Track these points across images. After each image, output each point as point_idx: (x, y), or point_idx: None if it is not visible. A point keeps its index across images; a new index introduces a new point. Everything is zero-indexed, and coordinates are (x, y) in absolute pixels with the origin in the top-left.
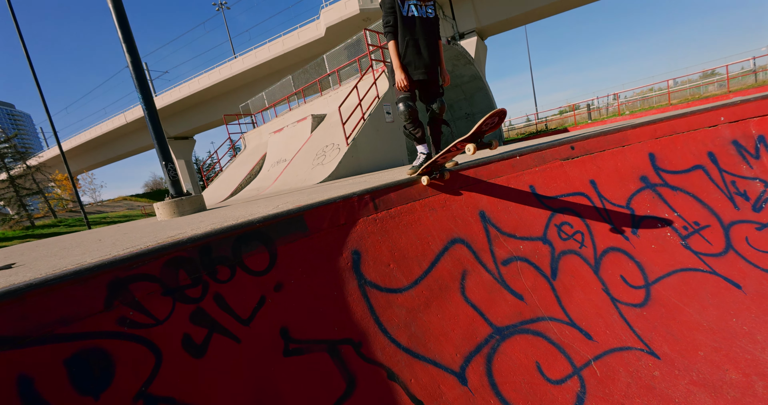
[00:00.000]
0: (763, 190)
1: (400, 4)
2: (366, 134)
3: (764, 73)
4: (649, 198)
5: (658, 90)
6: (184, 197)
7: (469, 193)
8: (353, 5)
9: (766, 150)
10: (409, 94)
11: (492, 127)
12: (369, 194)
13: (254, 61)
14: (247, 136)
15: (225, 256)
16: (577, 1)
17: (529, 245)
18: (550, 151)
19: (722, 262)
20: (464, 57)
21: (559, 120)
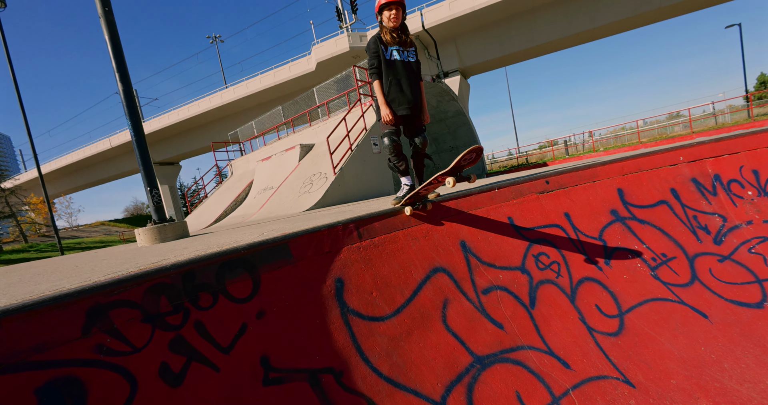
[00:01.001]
0: (722, 224)
1: (383, 48)
2: (353, 164)
3: (722, 116)
4: (620, 230)
5: (629, 129)
6: (167, 223)
7: (450, 224)
8: (343, 43)
9: (722, 188)
10: (394, 129)
11: (470, 162)
12: (354, 223)
13: (245, 92)
14: (235, 163)
15: (208, 283)
16: (548, 48)
17: (509, 275)
18: (527, 185)
19: (689, 292)
20: (448, 94)
21: (539, 154)
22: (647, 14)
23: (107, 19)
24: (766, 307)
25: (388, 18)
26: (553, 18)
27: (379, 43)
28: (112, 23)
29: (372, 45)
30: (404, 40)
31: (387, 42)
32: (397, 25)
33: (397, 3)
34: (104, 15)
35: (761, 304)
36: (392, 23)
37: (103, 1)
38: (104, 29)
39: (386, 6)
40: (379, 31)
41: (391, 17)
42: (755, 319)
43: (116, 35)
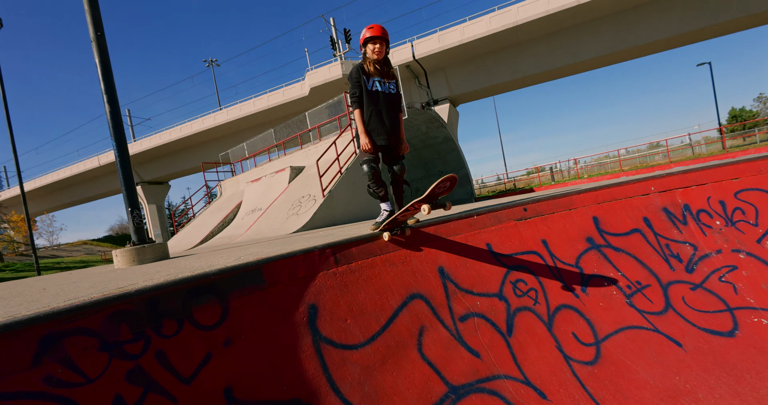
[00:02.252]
0: (693, 253)
1: (365, 79)
2: (342, 187)
3: (699, 147)
4: (596, 258)
5: (612, 157)
6: (147, 245)
7: (429, 250)
8: (336, 70)
9: (692, 217)
10: (373, 156)
11: (445, 190)
12: (331, 248)
13: (238, 114)
14: (224, 183)
15: (173, 310)
16: (534, 80)
17: (486, 301)
18: (505, 212)
19: (663, 320)
20: (437, 121)
21: (527, 180)
22: (624, 51)
23: (99, 44)
24: (737, 335)
25: (372, 51)
26: (538, 52)
27: (362, 73)
28: (104, 47)
29: (354, 74)
30: (386, 72)
31: (369, 73)
32: (380, 58)
33: (381, 38)
34: (96, 39)
35: (732, 332)
36: (376, 56)
37: (95, 25)
38: (95, 53)
39: (371, 40)
40: (362, 61)
41: (375, 50)
42: (728, 348)
43: (107, 58)
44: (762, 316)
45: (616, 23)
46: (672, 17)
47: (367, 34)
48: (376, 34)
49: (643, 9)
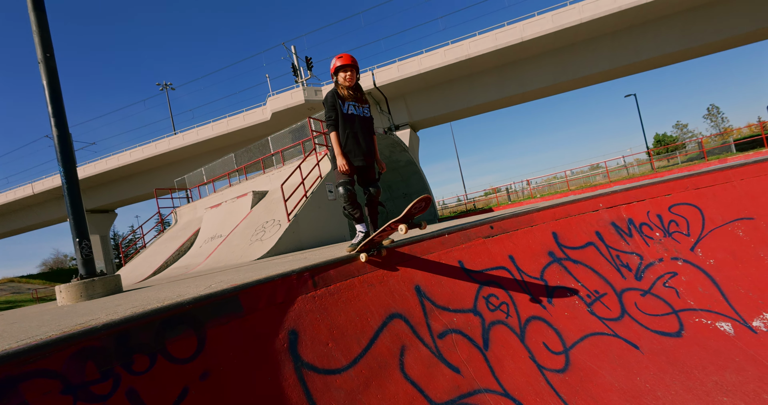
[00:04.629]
0: (640, 262)
1: (341, 103)
2: (308, 211)
3: (632, 168)
4: (558, 270)
5: (560, 178)
6: (96, 278)
7: (404, 269)
8: (299, 96)
9: (635, 230)
10: (349, 178)
11: (420, 210)
12: (309, 271)
13: (195, 138)
14: (180, 210)
15: (145, 343)
16: (486, 108)
17: (462, 317)
18: (474, 230)
19: (621, 326)
20: (399, 145)
21: (485, 200)
22: (564, 83)
23: (48, 65)
24: (683, 335)
25: (343, 78)
26: (488, 83)
27: (337, 97)
28: (53, 69)
29: (330, 98)
30: (359, 97)
31: (344, 97)
32: (352, 85)
33: (351, 65)
34: (44, 61)
35: (679, 333)
36: (347, 83)
37: (44, 46)
38: (43, 75)
39: (341, 68)
40: (335, 87)
41: (346, 78)
42: (677, 347)
43: (56, 81)
44: (701, 316)
45: (555, 59)
46: (602, 55)
47: (338, 64)
48: (346, 63)
49: (578, 47)
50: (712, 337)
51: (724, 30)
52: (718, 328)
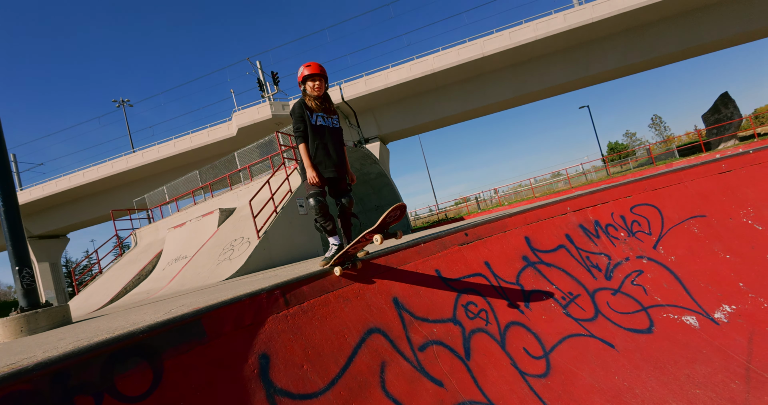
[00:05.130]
0: (608, 262)
1: (309, 114)
2: (279, 227)
3: (590, 174)
4: (532, 274)
5: (525, 185)
6: (41, 309)
7: (381, 281)
8: (266, 111)
9: (602, 231)
10: (320, 190)
11: (395, 219)
12: (279, 289)
13: (156, 156)
14: (140, 232)
15: (89, 383)
16: (452, 120)
17: (442, 328)
18: (449, 238)
19: (595, 326)
20: (370, 158)
21: (456, 209)
22: (524, 96)
23: None
24: (654, 331)
25: (312, 88)
26: (453, 96)
27: (305, 108)
28: None
29: (297, 109)
30: (328, 107)
31: (312, 108)
32: (321, 95)
33: (320, 75)
34: None
35: (650, 329)
36: (316, 92)
37: None
38: None
39: (309, 77)
40: (303, 97)
41: (315, 87)
42: (649, 343)
43: None
44: (668, 312)
45: (514, 73)
46: (556, 70)
47: (306, 72)
48: (314, 72)
49: (534, 62)
50: (679, 331)
51: (657, 48)
52: (684, 322)
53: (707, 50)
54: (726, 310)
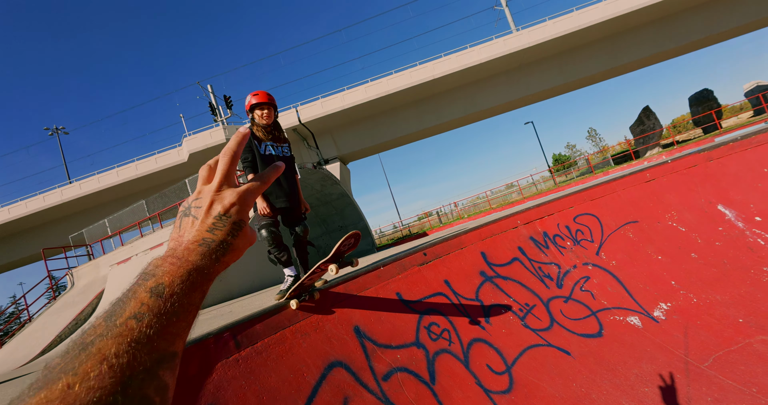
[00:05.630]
0: (558, 270)
1: (257, 144)
2: None
3: (539, 184)
4: (490, 288)
5: (482, 197)
6: None
7: (341, 310)
8: (219, 135)
9: (550, 241)
10: (272, 220)
11: (350, 247)
12: (229, 331)
13: (96, 186)
14: (78, 271)
15: None
16: (410, 138)
17: (406, 353)
18: (408, 259)
19: (552, 334)
20: (330, 179)
21: (419, 225)
22: (474, 114)
23: None
24: (604, 334)
25: (260, 116)
26: (409, 116)
27: (252, 137)
28: None
29: None
30: (278, 136)
31: (260, 137)
32: (270, 123)
33: (268, 103)
34: None
35: (600, 333)
36: (265, 121)
37: None
38: None
39: (257, 106)
40: (250, 126)
41: (263, 116)
42: (601, 347)
43: None
44: (615, 314)
45: (464, 93)
46: (501, 90)
47: (253, 101)
48: (262, 101)
49: (482, 83)
50: (626, 332)
51: (586, 69)
52: (629, 323)
53: (628, 70)
54: (663, 307)
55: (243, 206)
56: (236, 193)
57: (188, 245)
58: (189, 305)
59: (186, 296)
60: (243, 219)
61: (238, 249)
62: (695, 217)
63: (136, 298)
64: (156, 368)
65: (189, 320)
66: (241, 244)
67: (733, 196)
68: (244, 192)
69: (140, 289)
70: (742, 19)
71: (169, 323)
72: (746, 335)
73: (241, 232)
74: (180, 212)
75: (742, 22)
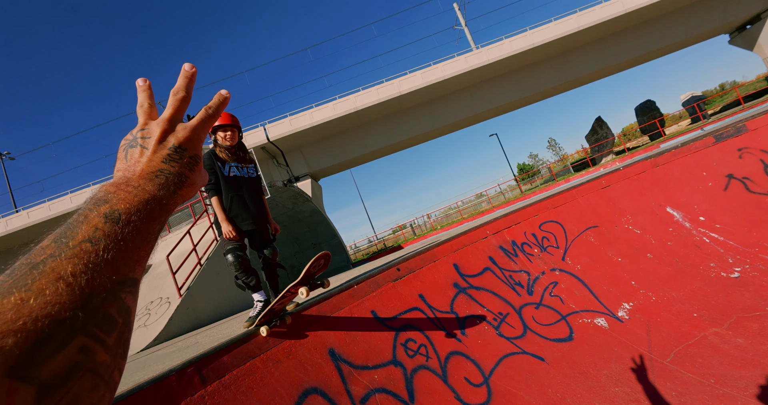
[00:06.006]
0: (528, 278)
1: (220, 165)
2: (204, 281)
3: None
4: (465, 300)
5: (454, 208)
6: None
7: (315, 333)
8: None
9: (519, 250)
10: (238, 244)
11: (320, 268)
12: (193, 365)
13: (47, 215)
14: None
15: None
16: (379, 154)
17: (383, 372)
18: (382, 275)
19: (526, 342)
20: (301, 196)
21: (394, 238)
22: (440, 129)
23: None
24: (574, 337)
25: (223, 138)
26: (378, 131)
27: (215, 159)
28: None
29: (207, 161)
30: (242, 157)
31: (224, 159)
32: (234, 145)
33: (231, 125)
34: None
35: (571, 336)
36: (228, 142)
37: None
38: None
39: (220, 128)
40: (213, 147)
41: (226, 137)
42: (572, 350)
43: None
44: (583, 317)
45: (430, 108)
46: (465, 104)
47: (215, 123)
48: (225, 123)
49: (446, 98)
50: (594, 334)
51: (543, 83)
52: (596, 325)
53: (579, 84)
54: (626, 307)
55: (197, 140)
56: (188, 126)
57: (143, 175)
58: (147, 234)
59: (144, 225)
60: (197, 154)
61: (195, 184)
62: (648, 220)
63: (89, 222)
64: (118, 290)
65: (147, 250)
66: (198, 179)
67: (679, 199)
68: (196, 125)
69: (92, 214)
70: (674, 37)
71: (128, 249)
72: (701, 329)
73: (197, 167)
74: (124, 144)
75: (674, 41)
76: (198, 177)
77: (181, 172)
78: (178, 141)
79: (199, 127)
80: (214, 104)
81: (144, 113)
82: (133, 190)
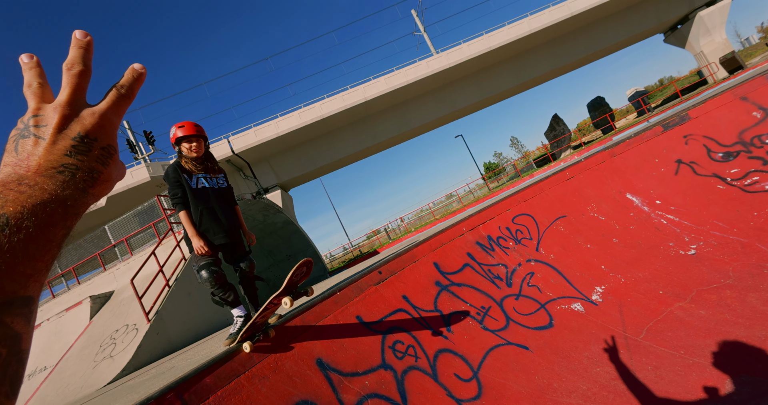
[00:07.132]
0: (506, 270)
1: (186, 177)
2: (174, 303)
3: (476, 191)
4: (447, 297)
5: (426, 210)
6: None
7: (301, 344)
8: (142, 174)
9: (495, 244)
10: (212, 259)
11: (303, 275)
12: (173, 391)
13: None
14: None
15: None
16: (347, 161)
17: (374, 377)
18: (364, 280)
19: (509, 333)
20: (272, 207)
21: (369, 244)
22: (407, 133)
23: None
24: (554, 324)
25: (188, 149)
26: (346, 138)
27: (180, 171)
28: None
29: (172, 174)
30: (210, 167)
31: (190, 170)
32: (200, 156)
33: (196, 135)
34: None
35: (551, 323)
36: (194, 154)
37: None
38: None
39: (184, 139)
40: (178, 159)
41: (192, 149)
42: (553, 336)
43: None
44: (560, 303)
45: (396, 113)
46: (429, 107)
47: (179, 134)
48: (189, 134)
49: (411, 102)
50: (573, 319)
51: (502, 84)
52: (573, 310)
53: (534, 84)
54: (599, 291)
55: (110, 128)
56: (97, 111)
57: (41, 171)
58: (47, 242)
59: (42, 231)
60: (111, 144)
61: (110, 180)
62: (610, 207)
63: None
64: (1, 314)
65: (45, 261)
66: (114, 173)
67: (637, 185)
68: (106, 110)
69: None
70: (616, 37)
71: (18, 262)
72: (667, 304)
73: (112, 160)
74: (14, 135)
75: (617, 40)
76: (114, 171)
77: (91, 167)
78: (85, 129)
79: (111, 111)
80: (126, 82)
81: (34, 95)
82: (27, 189)
